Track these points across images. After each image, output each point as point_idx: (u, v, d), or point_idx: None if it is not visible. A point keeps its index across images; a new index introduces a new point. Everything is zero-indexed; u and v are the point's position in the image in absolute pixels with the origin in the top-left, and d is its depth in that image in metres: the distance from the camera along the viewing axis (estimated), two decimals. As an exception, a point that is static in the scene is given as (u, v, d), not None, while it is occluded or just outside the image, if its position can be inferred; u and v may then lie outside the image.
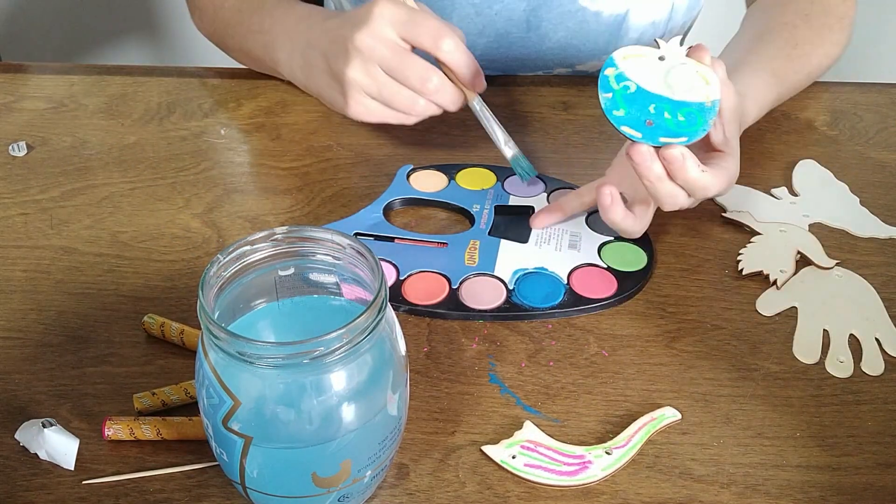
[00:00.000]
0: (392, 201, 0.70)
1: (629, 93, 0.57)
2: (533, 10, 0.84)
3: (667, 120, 0.56)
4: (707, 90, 0.56)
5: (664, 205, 0.60)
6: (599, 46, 0.87)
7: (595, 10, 0.84)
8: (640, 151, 0.56)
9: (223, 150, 0.78)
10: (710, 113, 0.56)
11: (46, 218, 0.69)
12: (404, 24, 0.65)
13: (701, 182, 0.58)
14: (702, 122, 0.56)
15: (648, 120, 0.56)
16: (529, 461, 0.50)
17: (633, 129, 0.57)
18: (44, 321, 0.59)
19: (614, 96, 0.57)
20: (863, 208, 0.71)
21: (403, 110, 0.67)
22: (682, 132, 0.56)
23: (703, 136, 0.57)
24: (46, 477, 0.49)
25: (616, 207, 0.61)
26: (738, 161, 0.62)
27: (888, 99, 0.86)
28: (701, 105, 0.56)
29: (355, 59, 0.65)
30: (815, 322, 0.60)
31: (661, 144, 0.56)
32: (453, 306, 0.60)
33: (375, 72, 0.65)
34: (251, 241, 0.44)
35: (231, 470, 0.43)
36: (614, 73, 0.57)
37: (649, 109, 0.56)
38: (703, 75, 0.57)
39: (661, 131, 0.56)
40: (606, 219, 0.62)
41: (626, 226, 0.62)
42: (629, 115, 0.57)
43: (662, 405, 0.53)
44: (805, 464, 0.50)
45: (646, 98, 0.57)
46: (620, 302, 0.61)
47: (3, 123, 0.81)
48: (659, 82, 0.57)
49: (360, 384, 0.41)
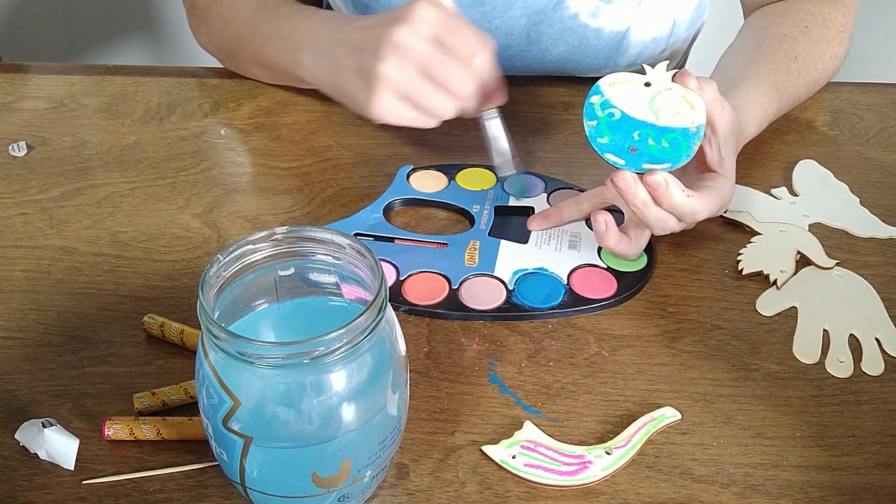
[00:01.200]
0: (392, 201, 0.70)
1: (614, 120, 0.57)
2: (534, 25, 0.84)
3: (650, 146, 0.57)
4: (692, 115, 0.57)
5: (654, 229, 0.61)
6: (600, 61, 0.87)
7: (596, 27, 0.84)
8: (623, 178, 0.57)
9: (223, 150, 0.78)
10: (694, 138, 0.57)
11: (46, 218, 0.69)
12: (444, 29, 0.64)
13: (687, 207, 0.58)
14: (686, 147, 0.57)
15: (632, 147, 0.57)
16: (529, 461, 0.50)
17: (616, 156, 0.57)
18: (44, 321, 0.59)
19: (598, 124, 0.58)
20: (863, 208, 0.71)
21: (432, 113, 0.66)
22: (665, 158, 0.57)
23: (688, 161, 0.57)
24: (46, 477, 0.49)
25: (610, 234, 0.61)
26: (732, 182, 0.62)
27: (888, 99, 0.86)
28: (685, 130, 0.57)
29: (391, 55, 0.64)
30: (815, 322, 0.60)
31: (644, 171, 0.57)
32: (453, 307, 0.60)
33: (409, 70, 0.64)
34: (251, 241, 0.44)
35: (231, 470, 0.43)
36: (599, 100, 0.58)
37: (633, 136, 0.57)
38: (688, 100, 0.57)
39: (644, 158, 0.57)
40: (602, 244, 0.62)
41: (622, 250, 0.62)
42: (613, 143, 0.57)
43: (662, 405, 0.53)
44: (805, 464, 0.50)
45: (630, 125, 0.57)
46: (620, 302, 0.61)
47: (3, 123, 0.81)
48: (644, 108, 0.57)
49: (360, 384, 0.41)
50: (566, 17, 0.83)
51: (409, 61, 0.64)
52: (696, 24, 0.91)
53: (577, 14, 0.83)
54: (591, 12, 0.83)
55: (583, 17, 0.83)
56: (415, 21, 0.64)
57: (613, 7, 0.83)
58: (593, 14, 0.83)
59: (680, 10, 0.87)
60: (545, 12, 0.83)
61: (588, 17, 0.83)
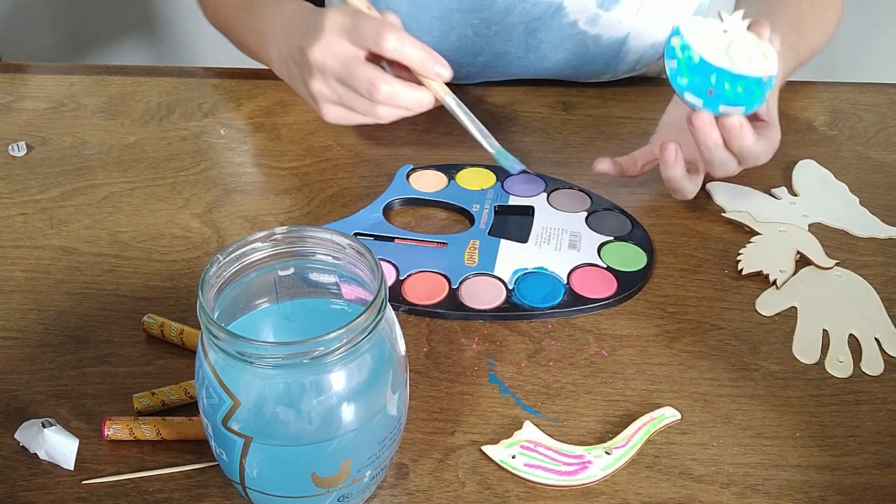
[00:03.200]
0: (392, 201, 0.70)
1: (693, 62, 0.59)
2: (532, 32, 0.84)
3: (726, 90, 0.59)
4: (765, 65, 0.59)
5: (716, 171, 0.64)
6: (599, 68, 0.87)
7: (595, 34, 0.84)
8: (701, 118, 0.60)
9: (223, 150, 0.78)
10: (766, 86, 0.59)
11: (46, 218, 0.69)
12: (349, 33, 0.65)
13: (755, 150, 0.62)
14: (759, 94, 0.59)
15: (710, 89, 0.59)
16: (529, 461, 0.50)
17: (695, 96, 0.60)
18: (44, 321, 0.59)
19: (679, 65, 0.60)
20: (863, 208, 0.71)
21: (371, 116, 0.67)
22: (740, 102, 0.59)
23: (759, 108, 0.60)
24: (46, 477, 0.49)
25: (679, 164, 0.64)
26: (779, 130, 0.65)
27: (888, 99, 0.86)
28: (759, 79, 0.59)
29: (315, 72, 0.67)
30: (815, 322, 0.60)
31: (721, 114, 0.60)
32: (453, 306, 0.60)
33: (333, 83, 0.67)
34: (251, 241, 0.44)
35: (231, 470, 0.43)
36: (679, 42, 0.60)
37: (711, 79, 0.59)
38: (762, 50, 0.60)
39: (721, 100, 0.60)
40: (667, 175, 0.65)
41: (685, 184, 0.65)
42: (692, 84, 0.60)
43: (662, 405, 0.53)
44: (805, 464, 0.50)
45: (708, 69, 0.59)
46: (620, 302, 0.61)
47: (3, 123, 0.81)
48: (720, 54, 0.59)
49: (360, 384, 0.41)
50: (564, 25, 0.83)
51: (329, 76, 0.66)
52: None
53: (575, 21, 0.83)
54: (589, 19, 0.83)
55: (581, 25, 0.83)
56: (324, 33, 0.65)
57: (612, 14, 0.83)
58: (592, 21, 0.83)
59: (678, 15, 0.87)
60: (543, 19, 0.83)
61: (586, 25, 0.84)
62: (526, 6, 0.82)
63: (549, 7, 0.82)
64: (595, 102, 0.86)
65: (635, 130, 0.81)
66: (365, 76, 0.64)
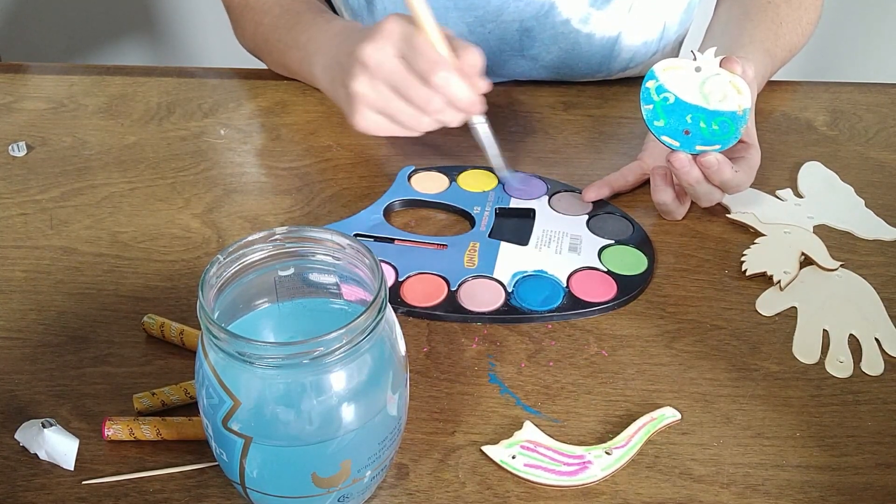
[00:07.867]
0: (392, 202, 0.70)
1: (668, 104, 0.62)
2: (526, 31, 0.84)
3: (702, 129, 0.62)
4: (739, 99, 0.62)
5: (702, 202, 0.67)
6: (592, 66, 0.88)
7: (587, 33, 0.85)
8: (679, 159, 0.63)
9: (223, 150, 0.78)
10: (741, 121, 0.62)
11: (46, 218, 0.69)
12: (407, 47, 0.64)
13: (735, 181, 0.64)
14: (734, 129, 0.62)
15: (686, 129, 0.62)
16: (529, 461, 0.50)
17: (671, 138, 0.63)
18: (44, 321, 0.59)
19: (654, 108, 0.63)
20: (868, 210, 0.71)
21: (409, 127, 0.67)
22: (716, 140, 0.62)
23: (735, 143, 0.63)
24: (46, 477, 0.49)
25: (669, 189, 0.67)
26: (758, 150, 0.67)
27: (888, 99, 0.86)
28: (733, 114, 0.62)
29: (361, 73, 0.65)
30: (815, 322, 0.60)
31: (698, 152, 0.63)
32: (451, 309, 0.60)
33: (381, 87, 0.65)
34: (251, 241, 0.44)
35: (231, 470, 0.43)
36: (654, 85, 0.63)
37: (686, 119, 0.62)
38: (735, 84, 0.62)
39: (697, 140, 0.63)
40: (657, 199, 0.67)
41: (674, 208, 0.67)
42: (668, 126, 0.63)
43: (662, 405, 0.53)
44: (805, 464, 0.50)
45: (683, 109, 0.62)
46: (619, 306, 0.61)
47: (3, 123, 0.81)
48: (695, 93, 0.62)
49: (360, 384, 0.41)
50: (557, 23, 0.84)
51: (379, 79, 0.65)
52: (685, 25, 0.92)
53: (568, 20, 0.84)
54: (581, 18, 0.84)
55: (574, 23, 0.84)
56: (382, 37, 0.64)
57: (604, 13, 0.84)
58: (584, 20, 0.84)
59: (669, 13, 0.88)
60: (537, 18, 0.83)
61: (579, 24, 0.84)
62: (519, 5, 0.82)
63: (543, 6, 0.83)
64: (595, 102, 0.86)
65: (635, 130, 0.81)
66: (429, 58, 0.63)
